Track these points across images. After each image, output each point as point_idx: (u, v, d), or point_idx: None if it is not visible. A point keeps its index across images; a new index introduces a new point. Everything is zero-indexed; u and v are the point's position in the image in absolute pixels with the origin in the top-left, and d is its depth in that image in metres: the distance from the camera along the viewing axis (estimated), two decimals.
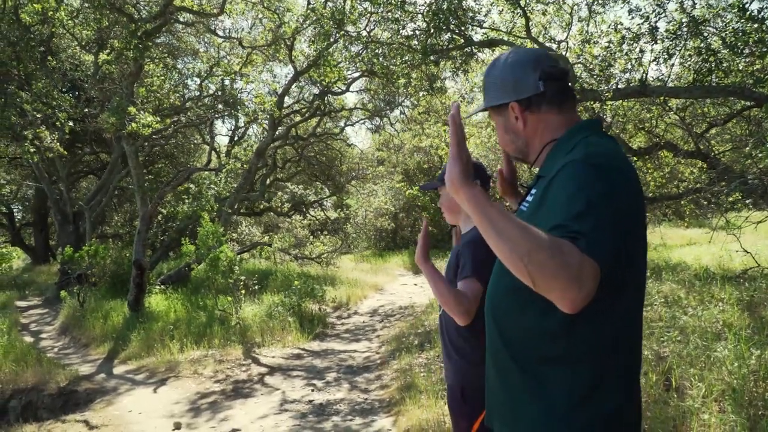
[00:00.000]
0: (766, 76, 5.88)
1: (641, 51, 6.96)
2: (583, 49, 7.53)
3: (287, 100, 14.13)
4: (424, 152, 19.16)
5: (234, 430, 4.62)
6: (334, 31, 9.41)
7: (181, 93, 14.82)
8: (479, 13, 8.13)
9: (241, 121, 15.49)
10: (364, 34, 9.75)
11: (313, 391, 5.54)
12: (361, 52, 10.00)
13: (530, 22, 7.92)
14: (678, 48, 6.65)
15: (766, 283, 5.40)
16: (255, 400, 5.38)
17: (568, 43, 8.24)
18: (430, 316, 7.49)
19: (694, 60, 6.75)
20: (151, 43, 10.31)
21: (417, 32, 8.24)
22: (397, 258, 16.93)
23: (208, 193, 11.98)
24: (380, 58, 9.16)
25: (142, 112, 9.13)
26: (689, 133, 8.07)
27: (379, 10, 8.68)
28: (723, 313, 4.53)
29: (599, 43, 7.46)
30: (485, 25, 8.26)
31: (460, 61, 8.79)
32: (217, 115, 14.78)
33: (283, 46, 12.32)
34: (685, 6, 6.36)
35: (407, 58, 8.51)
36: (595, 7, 7.86)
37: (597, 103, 7.13)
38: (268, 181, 15.97)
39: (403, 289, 12.03)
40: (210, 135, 16.23)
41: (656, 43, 6.64)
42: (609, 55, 7.00)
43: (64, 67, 13.29)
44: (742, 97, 6.33)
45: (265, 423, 4.74)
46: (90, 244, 10.42)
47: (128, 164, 10.62)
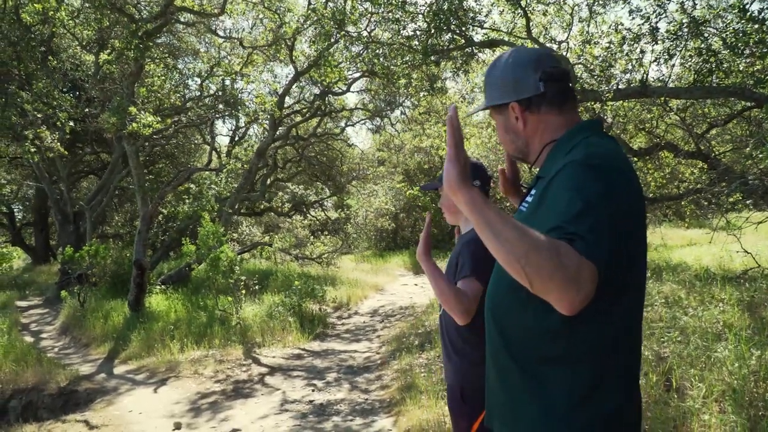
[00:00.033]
0: (766, 77, 5.88)
1: (642, 51, 6.97)
2: (583, 49, 7.54)
3: (288, 101, 14.14)
4: (424, 152, 19.16)
5: (234, 430, 4.62)
6: (335, 32, 9.42)
7: (182, 93, 14.82)
8: (480, 14, 8.14)
9: (242, 122, 15.49)
10: (365, 34, 9.77)
11: (313, 391, 5.53)
12: (361, 52, 10.00)
13: (531, 23, 7.93)
14: (678, 48, 6.65)
15: (767, 284, 5.40)
16: (255, 400, 5.38)
17: (568, 43, 8.25)
18: (431, 317, 7.49)
19: (694, 60, 6.75)
20: (152, 43, 10.32)
21: (418, 32, 8.24)
22: (398, 258, 16.92)
23: (209, 193, 11.96)
24: (381, 59, 9.18)
25: (142, 112, 9.13)
26: (690, 133, 8.08)
27: (380, 11, 8.69)
28: (723, 313, 4.53)
29: (600, 44, 7.47)
30: (486, 26, 8.27)
31: (461, 62, 8.79)
32: (217, 115, 14.77)
33: (283, 46, 12.33)
34: (686, 6, 6.37)
35: (408, 59, 8.52)
36: (595, 8, 7.87)
37: (597, 103, 7.14)
38: (268, 182, 15.96)
39: (404, 289, 12.03)
40: (210, 135, 16.22)
41: (657, 43, 6.65)
42: (609, 55, 7.01)
43: (65, 67, 13.29)
44: (742, 98, 6.34)
45: (266, 423, 4.74)
46: (90, 244, 10.42)
47: (129, 164, 10.62)
